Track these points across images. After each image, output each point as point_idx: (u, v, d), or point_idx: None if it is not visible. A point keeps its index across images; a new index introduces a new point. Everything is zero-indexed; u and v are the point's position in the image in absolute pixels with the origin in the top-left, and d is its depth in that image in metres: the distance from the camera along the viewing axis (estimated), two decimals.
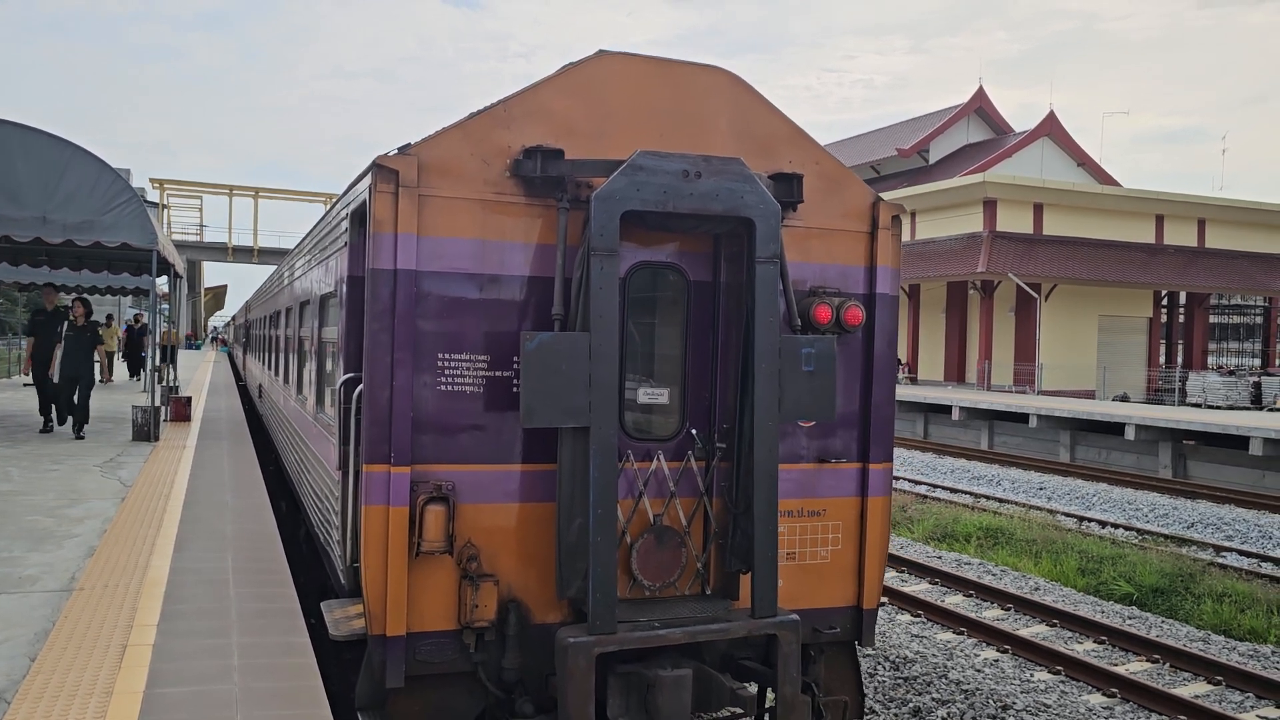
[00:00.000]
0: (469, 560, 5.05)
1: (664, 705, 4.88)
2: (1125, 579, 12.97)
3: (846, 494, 5.91)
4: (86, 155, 10.93)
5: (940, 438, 29.85)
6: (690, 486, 5.49)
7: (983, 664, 9.71)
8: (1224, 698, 9.10)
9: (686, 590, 5.45)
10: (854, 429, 5.91)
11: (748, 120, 5.60)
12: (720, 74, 5.56)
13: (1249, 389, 33.65)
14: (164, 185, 65.56)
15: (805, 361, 5.31)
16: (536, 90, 5.20)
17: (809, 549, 5.84)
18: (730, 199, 5.06)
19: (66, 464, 10.73)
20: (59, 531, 7.39)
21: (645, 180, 4.92)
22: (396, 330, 4.90)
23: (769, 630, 5.14)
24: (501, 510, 5.14)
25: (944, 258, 36.61)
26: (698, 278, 5.52)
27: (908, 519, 17.13)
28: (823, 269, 5.81)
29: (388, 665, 4.89)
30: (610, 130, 5.29)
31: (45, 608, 5.49)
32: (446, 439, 5.03)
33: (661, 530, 5.32)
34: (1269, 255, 41.28)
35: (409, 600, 4.92)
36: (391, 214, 4.87)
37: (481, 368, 5.12)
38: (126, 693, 4.24)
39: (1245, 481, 20.94)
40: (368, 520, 4.86)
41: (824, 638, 5.82)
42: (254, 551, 6.96)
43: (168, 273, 15.04)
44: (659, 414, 5.53)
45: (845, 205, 5.88)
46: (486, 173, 5.06)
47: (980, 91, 48.78)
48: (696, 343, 5.55)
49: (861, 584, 5.91)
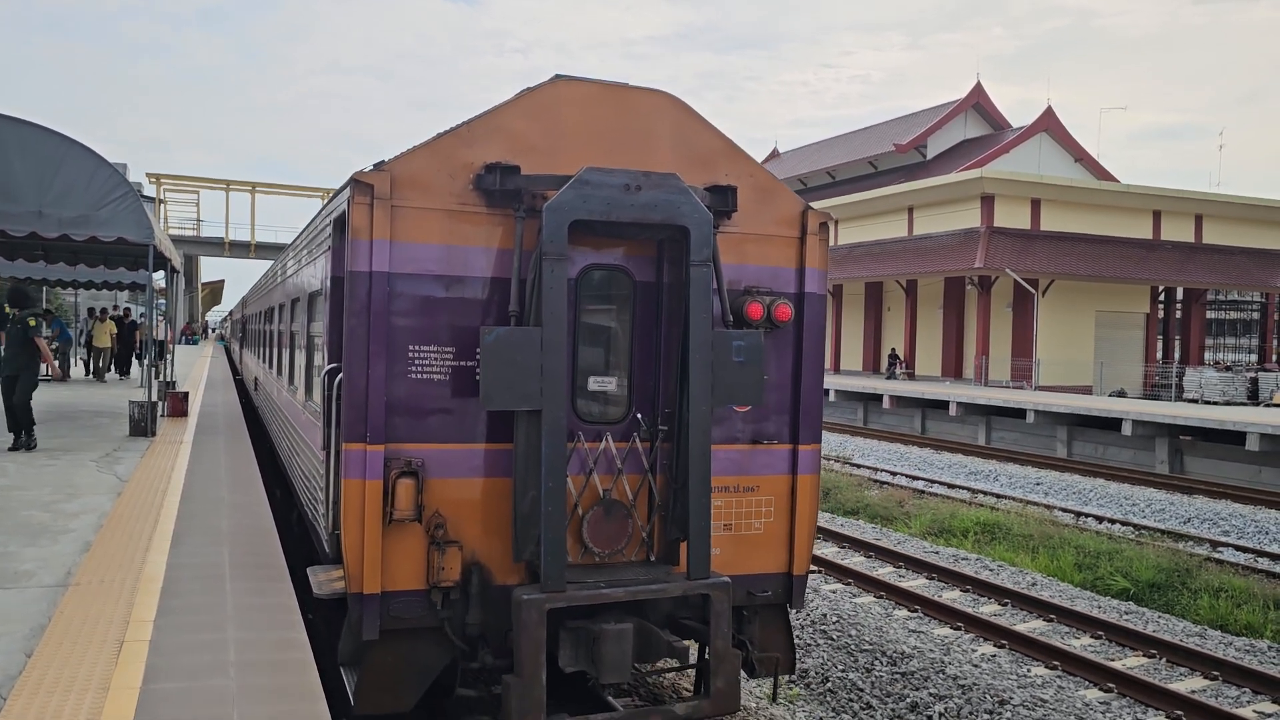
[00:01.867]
0: (436, 528, 5.70)
1: (607, 655, 5.55)
2: (1122, 574, 12.99)
3: (778, 472, 6.59)
4: (83, 150, 10.89)
5: (937, 433, 29.87)
6: (636, 464, 6.15)
7: (980, 659, 9.72)
8: (1220, 693, 9.12)
9: (633, 557, 6.10)
10: (785, 414, 6.59)
11: (687, 138, 6.23)
12: (663, 96, 6.21)
13: (1246, 384, 33.67)
14: (161, 180, 65.39)
15: (736, 353, 5.98)
16: (497, 112, 5.85)
17: (744, 521, 6.52)
18: (667, 209, 5.72)
19: (63, 459, 10.70)
20: (55, 527, 7.37)
21: (591, 193, 5.57)
22: (372, 325, 5.55)
23: (702, 591, 5.79)
24: (466, 484, 5.79)
25: (941, 253, 36.60)
26: (643, 278, 6.20)
27: (905, 514, 17.15)
28: (757, 270, 6.47)
29: (364, 620, 5.52)
30: (563, 148, 5.92)
31: (41, 603, 5.47)
32: (416, 421, 5.68)
33: (610, 503, 6.01)
34: (1266, 251, 41.31)
35: (383, 563, 5.56)
36: (367, 223, 5.53)
37: (448, 358, 5.76)
38: (123, 688, 4.24)
39: (1242, 477, 20.97)
40: (346, 493, 5.51)
41: (758, 600, 6.52)
42: (251, 547, 6.94)
43: (164, 268, 15.02)
44: (608, 400, 6.20)
45: (777, 213, 6.52)
46: (452, 186, 5.71)
47: (978, 87, 48.75)
48: (642, 336, 6.22)
49: (792, 553, 6.60)
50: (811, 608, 11.05)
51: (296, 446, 8.45)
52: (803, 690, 9.28)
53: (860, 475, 21.19)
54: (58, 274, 19.71)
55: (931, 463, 24.00)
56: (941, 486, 20.48)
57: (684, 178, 6.05)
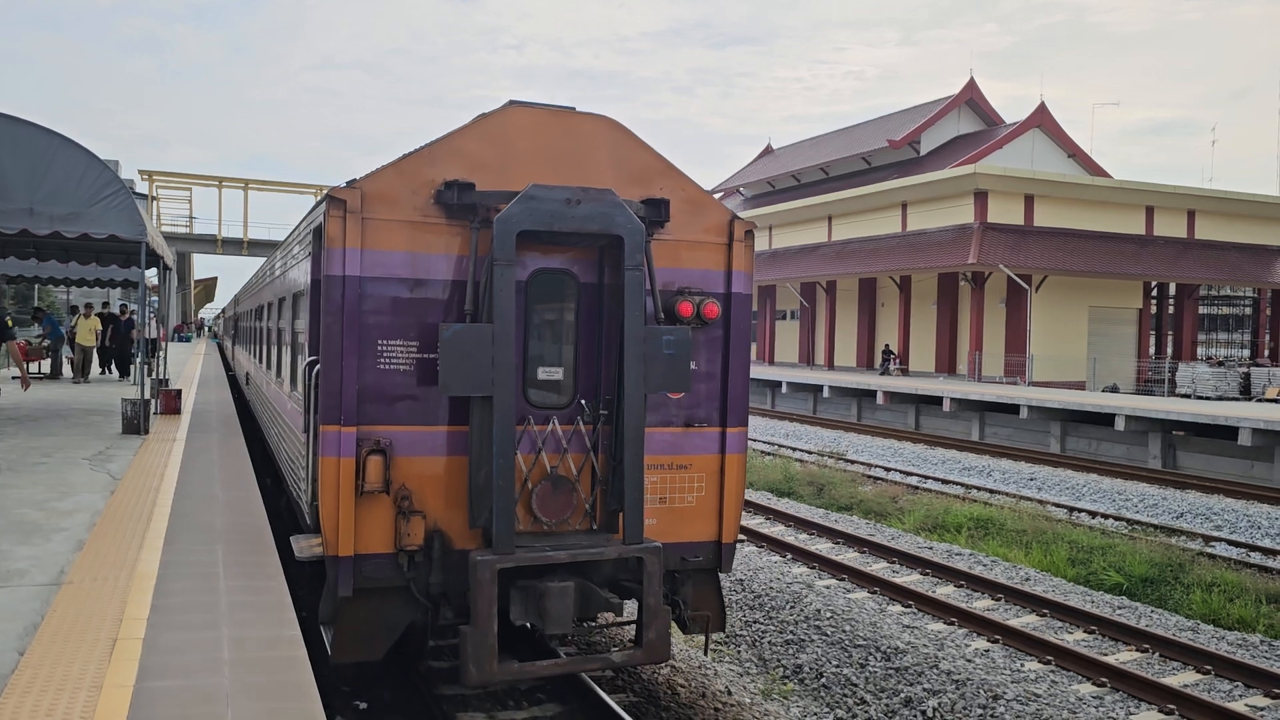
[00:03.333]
0: (402, 499, 6.46)
1: (551, 609, 6.29)
2: (1115, 569, 13.03)
3: (709, 452, 7.34)
4: (74, 146, 10.84)
5: (931, 429, 29.91)
6: (580, 444, 6.92)
7: (974, 654, 9.75)
8: (1213, 687, 9.16)
9: (577, 526, 6.86)
10: (715, 400, 7.35)
11: (626, 156, 7.00)
12: (604, 120, 6.96)
13: (1238, 380, 33.76)
14: (153, 177, 65.17)
15: (666, 347, 6.76)
16: (455, 135, 6.60)
17: (678, 495, 7.28)
18: (603, 220, 6.50)
19: (55, 457, 10.67)
20: (47, 525, 7.35)
21: (536, 206, 6.34)
22: (345, 323, 6.31)
23: (636, 554, 6.57)
24: (428, 461, 6.54)
25: (935, 249, 36.64)
26: (586, 280, 6.94)
27: (899, 510, 17.18)
28: (688, 273, 7.21)
29: (339, 579, 6.30)
30: (514, 166, 6.66)
31: (34, 601, 5.46)
32: (385, 406, 6.45)
33: (556, 479, 6.78)
34: (1258, 246, 41.43)
35: (355, 529, 6.33)
36: (341, 233, 6.29)
37: (412, 351, 6.52)
38: (116, 686, 4.23)
39: (1234, 472, 21.04)
40: (323, 468, 6.30)
41: (690, 565, 7.28)
42: (244, 544, 6.93)
43: (157, 265, 14.97)
44: (555, 388, 6.95)
45: (706, 222, 7.26)
46: (415, 200, 6.46)
47: (971, 83, 48.78)
48: (585, 331, 6.98)
49: (721, 523, 7.36)
50: (805, 603, 11.07)
51: (283, 432, 9.26)
52: (797, 686, 9.30)
53: (854, 471, 21.23)
54: (49, 271, 19.62)
55: (925, 458, 24.05)
56: (935, 482, 20.52)
57: (622, 192, 6.86)
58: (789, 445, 26.25)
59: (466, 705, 7.88)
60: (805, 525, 15.57)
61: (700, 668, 9.32)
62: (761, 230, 50.24)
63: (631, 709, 7.92)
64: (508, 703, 7.98)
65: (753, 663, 9.93)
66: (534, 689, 8.24)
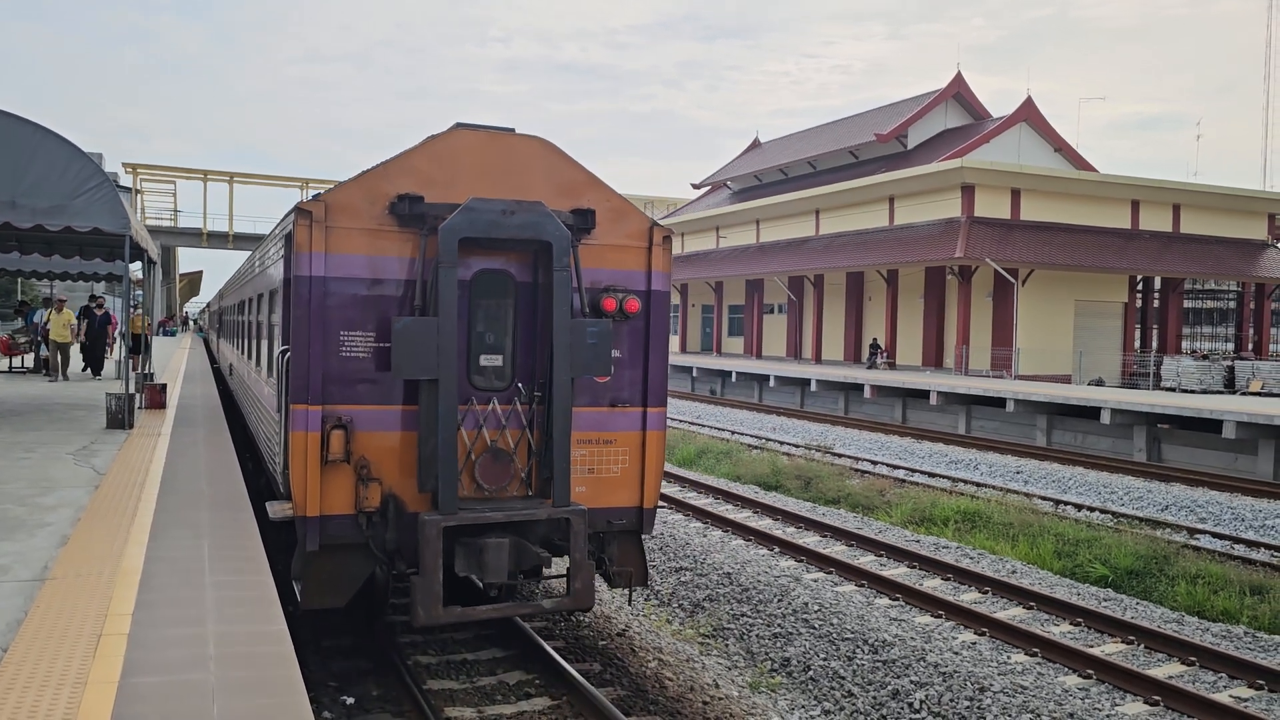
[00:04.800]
0: (361, 468, 7.42)
1: (489, 562, 7.35)
2: (1101, 561, 13.10)
3: (632, 429, 8.34)
4: (56, 139, 10.74)
5: (918, 422, 30.01)
6: (517, 422, 7.89)
7: (961, 646, 9.78)
8: (1198, 678, 9.22)
9: (515, 492, 7.86)
10: (637, 384, 8.35)
11: (557, 172, 7.97)
12: (538, 141, 7.94)
13: (1222, 373, 33.97)
14: (137, 170, 64.71)
15: (590, 337, 7.75)
16: (408, 154, 7.56)
17: (604, 466, 8.27)
18: (534, 229, 7.52)
19: (38, 452, 10.60)
20: (31, 520, 7.29)
21: (475, 217, 7.35)
22: (312, 317, 7.28)
23: (564, 516, 7.56)
24: (384, 435, 7.51)
25: (922, 243, 36.73)
26: (523, 280, 7.92)
27: (886, 503, 17.22)
28: (613, 273, 8.19)
29: (307, 537, 7.28)
30: (458, 181, 7.59)
31: (17, 597, 5.41)
32: (346, 387, 7.41)
33: (496, 451, 7.78)
34: (1242, 240, 41.67)
35: (321, 493, 7.30)
36: (308, 239, 7.26)
37: (370, 340, 7.46)
38: (101, 682, 4.19)
39: (1218, 465, 21.18)
40: (293, 441, 7.27)
41: (616, 527, 8.31)
42: (230, 539, 6.89)
43: (141, 258, 14.86)
44: (496, 373, 7.91)
45: (629, 228, 8.25)
46: (372, 211, 7.42)
47: (958, 77, 48.83)
48: (523, 323, 7.94)
49: (643, 491, 8.37)
50: (793, 596, 11.09)
51: (261, 414, 10.26)
52: (785, 679, 9.32)
53: (841, 465, 21.27)
54: (32, 265, 19.42)
55: (912, 452, 24.12)
56: (922, 475, 20.58)
57: (553, 203, 7.79)
58: (776, 439, 26.29)
59: (454, 700, 7.87)
60: (793, 519, 15.59)
61: (688, 661, 9.33)
62: (749, 224, 50.27)
63: (620, 703, 7.93)
64: (496, 698, 7.97)
65: (741, 656, 9.94)
66: (525, 687, 8.24)
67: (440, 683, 8.19)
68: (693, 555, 13.00)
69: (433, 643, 9.17)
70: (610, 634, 9.81)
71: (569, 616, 10.29)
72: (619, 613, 10.77)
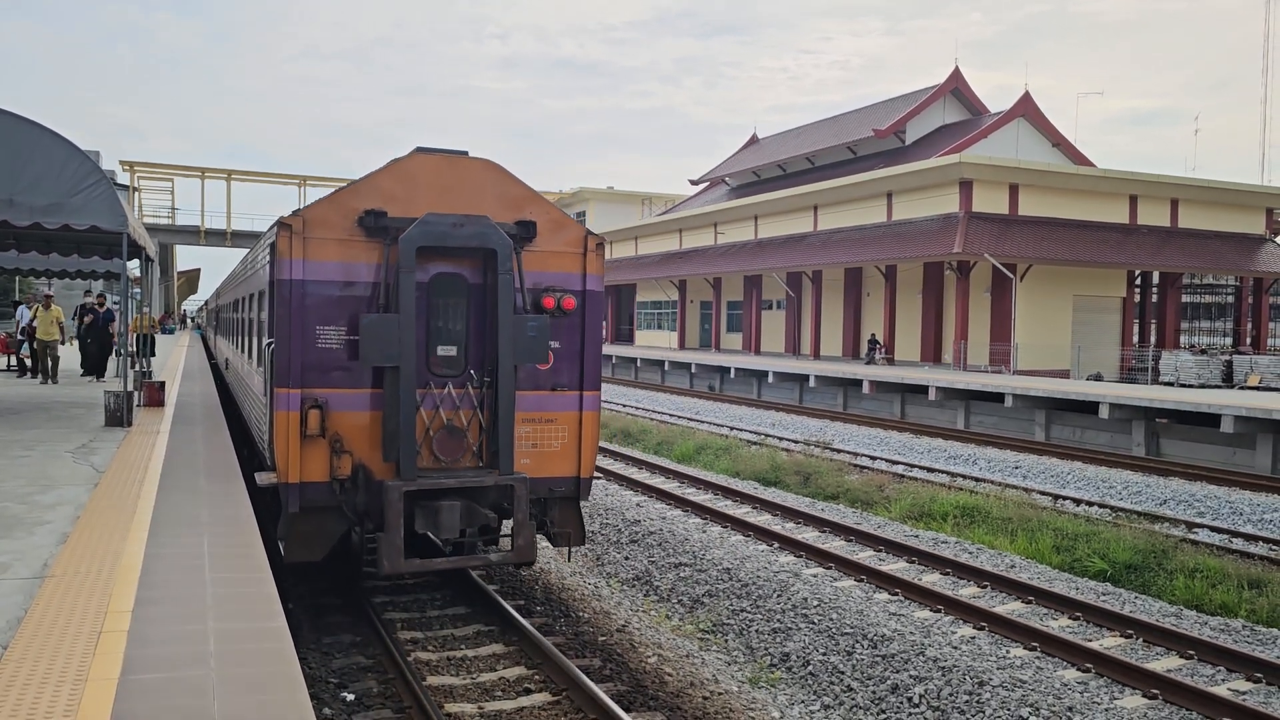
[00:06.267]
0: (335, 442, 8.60)
1: (443, 521, 8.63)
2: (1099, 556, 13.11)
3: (570, 409, 9.58)
4: (54, 137, 10.73)
5: (917, 418, 30.03)
6: (469, 403, 9.09)
7: (959, 641, 9.80)
8: (1196, 671, 9.23)
9: (468, 463, 9.06)
10: (575, 371, 9.60)
11: (503, 190, 9.19)
12: (487, 163, 9.15)
13: (1220, 367, 33.99)
14: (134, 168, 64.61)
15: (530, 330, 9.00)
16: (374, 175, 8.74)
17: (546, 442, 9.49)
18: (481, 239, 8.78)
19: (38, 450, 10.60)
20: (30, 518, 7.30)
21: (430, 229, 8.61)
22: (292, 314, 8.46)
23: (508, 483, 8.84)
24: (355, 415, 8.70)
25: (920, 238, 36.72)
26: (474, 281, 9.10)
27: (885, 498, 17.23)
28: (553, 275, 9.41)
29: (289, 500, 8.45)
30: (417, 198, 8.80)
31: (17, 595, 5.42)
32: (322, 374, 8.58)
33: (451, 428, 8.99)
34: (1241, 235, 41.67)
35: (300, 463, 8.48)
36: (288, 248, 8.46)
37: (342, 334, 8.63)
38: (100, 679, 4.20)
39: (1217, 459, 21.20)
40: (277, 419, 8.45)
41: (556, 494, 9.60)
42: (229, 536, 6.90)
43: (139, 256, 14.85)
44: (451, 361, 9.07)
45: (566, 237, 9.48)
46: (344, 224, 8.59)
47: (956, 73, 48.82)
48: (475, 319, 9.12)
49: (580, 463, 9.62)
50: (792, 591, 11.11)
51: (251, 399, 11.44)
52: (784, 673, 9.34)
53: (840, 460, 21.28)
54: (30, 263, 19.39)
55: (911, 447, 24.13)
56: (921, 471, 20.59)
57: (499, 216, 9.03)
58: (775, 435, 26.30)
59: (453, 696, 7.88)
60: (792, 514, 15.61)
61: (688, 656, 9.35)
62: (747, 220, 50.24)
63: (620, 698, 7.94)
64: (496, 694, 7.98)
65: (740, 651, 9.96)
66: (524, 681, 8.25)
67: (440, 679, 8.20)
68: (692, 551, 13.01)
69: (433, 639, 9.19)
70: (610, 630, 9.82)
71: (568, 616, 10.31)
72: (618, 608, 10.78)
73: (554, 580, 11.71)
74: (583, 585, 11.69)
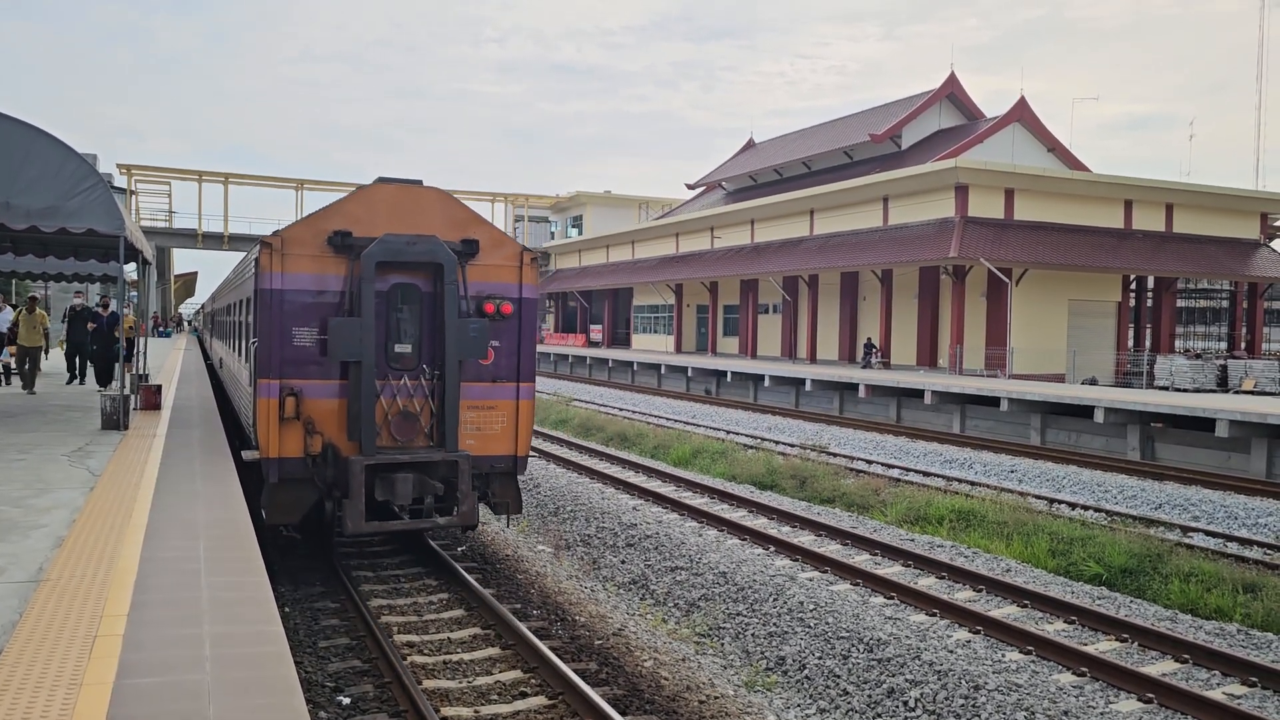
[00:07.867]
0: (308, 424, 10.24)
1: (399, 490, 10.22)
2: (1095, 560, 13.13)
3: (508, 398, 11.23)
4: (50, 140, 10.72)
5: (913, 422, 30.05)
6: (422, 392, 10.75)
7: (955, 645, 9.81)
8: (1191, 675, 9.25)
9: (420, 443, 10.71)
10: (513, 366, 11.23)
11: (451, 213, 10.88)
12: (437, 191, 10.86)
13: (1215, 372, 34.08)
14: (131, 171, 64.55)
15: (472, 332, 10.70)
16: (342, 202, 10.51)
17: (488, 425, 11.12)
18: (431, 255, 10.51)
19: (33, 454, 10.58)
20: (25, 522, 7.29)
21: (388, 246, 10.33)
22: (272, 317, 10.14)
23: (453, 459, 10.48)
24: (325, 402, 10.35)
25: (916, 243, 36.77)
26: (426, 290, 10.74)
27: (881, 502, 17.24)
28: (494, 285, 11.09)
29: (269, 472, 10.17)
30: (378, 220, 10.48)
31: (12, 599, 5.41)
32: (298, 367, 10.24)
33: (406, 414, 10.65)
34: (1235, 240, 41.77)
35: (279, 442, 10.14)
36: (270, 263, 10.19)
37: (314, 334, 10.26)
38: (95, 684, 4.19)
39: (1211, 463, 21.23)
40: (260, 406, 10.14)
41: (497, 470, 11.23)
42: (226, 540, 6.89)
43: (136, 259, 14.83)
44: (406, 358, 10.68)
45: (505, 253, 11.20)
46: (316, 242, 10.30)
47: (952, 77, 48.93)
48: (427, 321, 10.75)
49: (517, 444, 11.28)
50: (788, 595, 11.11)
51: (241, 392, 13.10)
52: (780, 677, 9.34)
53: (836, 464, 21.30)
54: (27, 266, 19.35)
55: (907, 451, 24.15)
56: (917, 475, 20.60)
57: (446, 235, 10.68)
58: (772, 439, 26.30)
59: (449, 699, 7.88)
60: (788, 518, 15.62)
61: (684, 660, 9.35)
62: (744, 224, 50.28)
63: (616, 702, 7.94)
64: (492, 697, 7.98)
65: (736, 654, 9.96)
66: (519, 685, 8.24)
67: (436, 682, 8.19)
68: (688, 555, 13.01)
69: (430, 643, 9.18)
70: (607, 633, 9.82)
71: (565, 619, 10.31)
72: (615, 612, 10.78)
73: (550, 584, 11.71)
74: (579, 589, 11.69)
